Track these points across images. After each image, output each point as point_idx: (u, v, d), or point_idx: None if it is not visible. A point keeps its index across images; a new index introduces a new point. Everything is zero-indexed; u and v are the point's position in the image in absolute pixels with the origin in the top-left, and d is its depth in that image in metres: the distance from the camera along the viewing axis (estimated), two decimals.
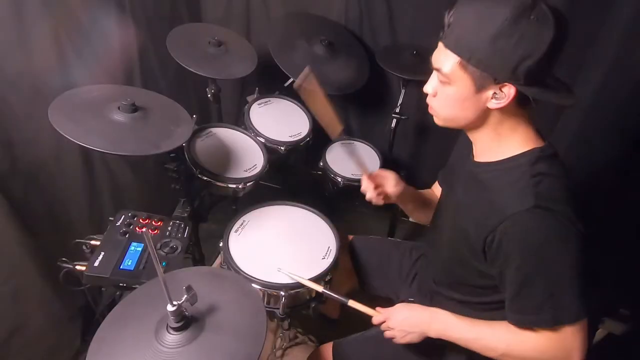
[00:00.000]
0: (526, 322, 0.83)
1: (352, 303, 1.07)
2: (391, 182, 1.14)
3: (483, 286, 0.93)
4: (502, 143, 0.86)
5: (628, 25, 1.43)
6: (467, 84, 0.79)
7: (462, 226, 0.91)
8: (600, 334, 1.45)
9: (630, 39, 1.44)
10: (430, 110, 0.91)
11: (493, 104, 0.79)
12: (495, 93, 0.78)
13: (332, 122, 1.07)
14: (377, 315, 1.04)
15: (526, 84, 0.75)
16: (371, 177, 1.13)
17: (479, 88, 0.79)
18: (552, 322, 0.80)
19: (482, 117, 0.84)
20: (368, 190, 1.13)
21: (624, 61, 1.47)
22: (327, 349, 1.18)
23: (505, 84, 0.76)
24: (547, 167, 0.81)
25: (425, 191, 1.28)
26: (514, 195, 0.80)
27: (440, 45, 0.81)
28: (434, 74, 0.85)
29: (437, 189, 1.24)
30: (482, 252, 0.85)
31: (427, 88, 0.88)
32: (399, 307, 1.01)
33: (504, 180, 0.83)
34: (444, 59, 0.80)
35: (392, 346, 1.12)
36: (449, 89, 0.82)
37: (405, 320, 0.98)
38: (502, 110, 0.81)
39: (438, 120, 0.91)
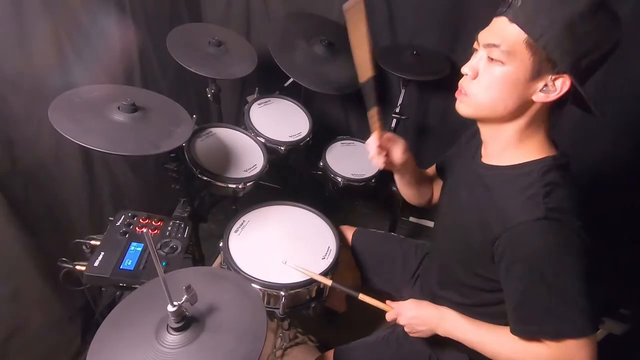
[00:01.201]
0: (528, 332, 0.82)
1: (362, 297, 1.07)
2: (399, 149, 1.06)
3: (484, 289, 0.92)
4: (518, 147, 0.83)
5: (628, 25, 1.43)
6: (525, 66, 0.73)
7: (464, 227, 0.90)
8: (600, 334, 1.45)
9: (630, 39, 1.44)
10: (460, 96, 0.84)
11: (539, 97, 0.75)
12: (546, 85, 0.74)
13: (364, 63, 0.96)
14: (389, 311, 1.04)
15: (581, 82, 0.72)
16: (381, 137, 1.03)
17: (536, 74, 0.73)
18: (554, 334, 0.78)
19: (521, 109, 0.79)
20: (373, 149, 1.03)
21: (625, 61, 1.47)
22: (329, 355, 1.18)
23: (562, 75, 0.72)
24: (559, 177, 0.78)
25: (422, 171, 1.25)
26: (523, 204, 0.77)
27: (503, 20, 0.74)
28: (479, 54, 0.80)
29: (436, 178, 1.23)
30: (489, 257, 0.84)
31: (466, 69, 0.82)
32: (410, 304, 1.02)
33: (513, 187, 0.80)
34: (506, 34, 0.74)
35: (393, 353, 1.13)
36: (500, 69, 0.76)
37: (416, 318, 0.99)
38: (538, 110, 0.78)
39: (467, 108, 0.84)
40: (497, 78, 0.77)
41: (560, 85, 0.73)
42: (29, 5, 1.16)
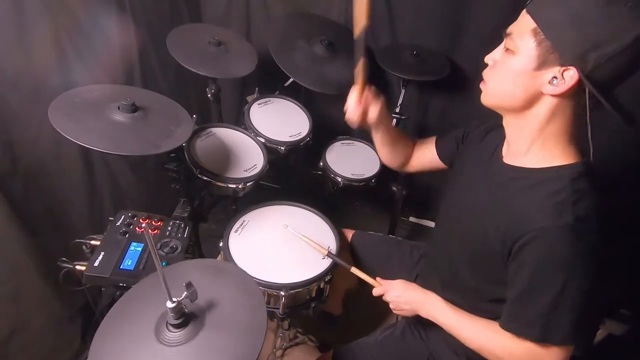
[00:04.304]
0: (514, 328, 0.83)
1: (354, 270, 1.14)
2: (375, 110, 1.08)
3: (486, 290, 0.91)
4: (544, 149, 0.81)
5: None
6: (531, 56, 0.74)
7: (479, 228, 0.87)
8: (600, 334, 1.45)
9: None
10: (482, 85, 0.86)
11: (549, 89, 0.74)
12: (555, 77, 0.73)
13: (359, 14, 1.02)
14: (377, 287, 1.10)
15: (591, 77, 0.69)
16: (362, 94, 1.07)
17: (541, 64, 0.73)
18: (538, 338, 0.79)
19: (530, 101, 0.78)
20: (352, 105, 1.06)
21: None
22: (328, 356, 1.18)
23: (569, 68, 0.70)
24: (589, 185, 0.76)
25: (399, 131, 1.26)
26: (550, 209, 0.75)
27: (524, 12, 0.76)
28: (501, 45, 0.81)
29: (424, 149, 1.20)
30: (503, 260, 0.83)
31: (488, 58, 0.84)
32: (397, 283, 1.07)
33: (540, 190, 0.78)
34: (522, 24, 0.75)
35: (391, 353, 1.13)
36: (511, 58, 0.77)
37: (401, 297, 1.04)
38: (555, 106, 0.76)
39: (485, 97, 0.85)
40: (507, 67, 0.78)
41: (568, 77, 0.71)
42: (29, 5, 1.16)
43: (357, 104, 1.06)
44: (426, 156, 1.20)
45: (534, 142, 0.82)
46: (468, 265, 0.94)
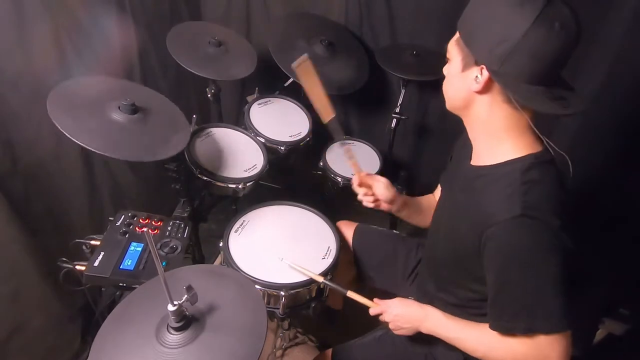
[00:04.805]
0: (502, 327, 0.84)
1: (350, 294, 1.10)
2: (381, 186, 1.16)
3: (477, 290, 0.93)
4: (497, 145, 0.86)
5: (628, 25, 1.43)
6: (457, 60, 0.85)
7: (457, 228, 0.92)
8: (600, 334, 1.45)
9: (630, 39, 1.44)
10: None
11: (474, 87, 0.82)
12: (477, 76, 0.81)
13: (324, 107, 1.15)
14: (375, 308, 1.07)
15: (500, 72, 0.76)
16: (362, 176, 1.18)
17: (464, 66, 0.83)
18: (525, 330, 0.80)
19: (468, 101, 0.86)
20: (357, 189, 1.19)
21: (625, 61, 1.47)
22: (327, 354, 1.18)
23: (483, 65, 0.79)
24: (540, 174, 0.80)
25: (423, 198, 1.28)
26: (503, 202, 0.80)
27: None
28: None
29: (438, 193, 1.23)
30: (477, 256, 0.85)
31: (443, 70, 0.93)
32: (396, 302, 1.04)
33: (495, 186, 0.83)
34: (454, 37, 0.86)
35: (389, 352, 1.13)
36: (448, 67, 0.89)
37: (399, 316, 1.02)
38: (489, 103, 0.83)
39: (446, 103, 0.95)
40: (447, 74, 0.91)
41: (484, 74, 0.79)
42: (29, 5, 1.16)
43: (358, 187, 1.18)
44: None
45: (486, 140, 0.88)
46: (454, 265, 0.96)
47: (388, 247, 1.37)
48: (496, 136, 0.85)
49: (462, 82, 0.85)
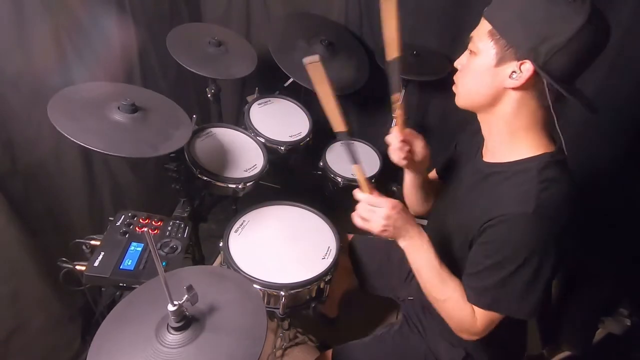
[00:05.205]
0: (471, 296, 0.86)
1: (356, 167, 0.99)
2: (420, 144, 1.03)
3: None
4: (514, 143, 0.85)
5: (628, 25, 1.43)
6: (490, 54, 0.79)
7: (460, 224, 0.91)
8: (600, 333, 1.45)
9: (630, 39, 1.44)
10: (454, 88, 0.90)
11: (510, 83, 0.78)
12: (514, 72, 0.77)
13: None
14: (377, 199, 0.94)
15: (545, 69, 0.74)
16: (404, 130, 1.00)
17: (500, 61, 0.78)
18: (486, 307, 0.83)
19: (496, 97, 0.82)
20: (395, 142, 1.00)
21: (624, 61, 1.47)
22: (328, 355, 1.18)
23: (525, 61, 0.75)
24: (557, 173, 0.80)
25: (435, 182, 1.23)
26: (517, 197, 0.79)
27: (483, 16, 0.82)
28: (467, 49, 0.86)
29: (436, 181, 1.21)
30: (468, 246, 0.86)
31: (457, 63, 0.89)
32: (393, 208, 0.89)
33: (510, 182, 0.82)
34: (481, 28, 0.81)
35: (389, 350, 1.13)
36: (474, 60, 0.82)
37: (390, 219, 0.89)
38: (519, 100, 0.80)
39: (458, 99, 0.90)
40: (472, 68, 0.84)
41: (525, 70, 0.76)
42: (29, 5, 1.16)
43: (400, 142, 1.00)
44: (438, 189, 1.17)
45: (505, 137, 0.86)
46: (450, 260, 0.94)
47: (382, 255, 1.37)
48: (516, 134, 0.84)
49: (493, 77, 0.80)
